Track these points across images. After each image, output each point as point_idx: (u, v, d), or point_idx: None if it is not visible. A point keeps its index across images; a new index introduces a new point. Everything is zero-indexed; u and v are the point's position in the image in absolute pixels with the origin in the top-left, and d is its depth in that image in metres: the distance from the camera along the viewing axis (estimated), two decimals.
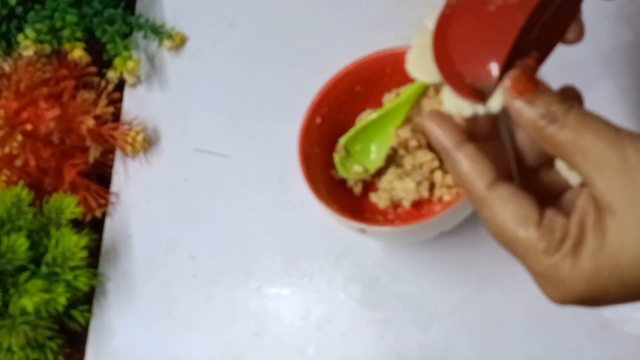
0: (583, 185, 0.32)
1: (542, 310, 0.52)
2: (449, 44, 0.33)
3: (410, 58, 0.36)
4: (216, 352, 0.59)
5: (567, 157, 0.30)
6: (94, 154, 0.66)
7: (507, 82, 0.30)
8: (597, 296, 0.29)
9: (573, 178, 0.33)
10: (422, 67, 0.34)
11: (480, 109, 0.32)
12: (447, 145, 0.32)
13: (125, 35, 0.73)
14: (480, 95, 0.32)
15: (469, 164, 0.31)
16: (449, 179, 0.53)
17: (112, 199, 0.69)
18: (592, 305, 0.30)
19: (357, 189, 0.56)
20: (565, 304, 0.31)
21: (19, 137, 0.61)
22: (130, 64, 0.70)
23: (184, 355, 0.60)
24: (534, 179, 0.35)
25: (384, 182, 0.55)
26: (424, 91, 0.51)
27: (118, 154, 0.70)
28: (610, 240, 0.28)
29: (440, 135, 0.32)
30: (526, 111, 0.30)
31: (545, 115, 0.29)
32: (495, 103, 0.31)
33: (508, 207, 0.30)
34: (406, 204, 0.54)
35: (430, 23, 0.35)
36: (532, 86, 0.30)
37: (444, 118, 0.33)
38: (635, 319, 0.51)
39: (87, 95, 0.67)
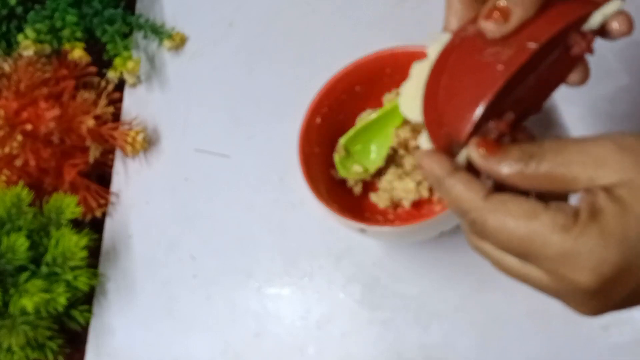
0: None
1: (542, 310, 0.52)
2: (440, 86, 0.33)
3: (405, 90, 0.36)
4: (216, 352, 0.59)
5: (561, 179, 0.30)
6: (94, 154, 0.66)
7: (471, 146, 0.31)
8: (633, 261, 0.28)
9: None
10: (412, 103, 0.34)
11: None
12: (440, 175, 0.32)
13: (125, 35, 0.73)
14: (450, 149, 0.32)
15: (463, 185, 0.31)
16: None
17: (112, 199, 0.69)
18: (632, 275, 0.29)
19: (357, 189, 0.56)
20: (605, 283, 0.29)
21: (19, 137, 0.61)
22: (130, 64, 0.70)
23: (184, 355, 0.60)
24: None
25: (384, 182, 0.55)
26: None
27: (118, 154, 0.70)
28: (629, 202, 0.28)
29: (433, 166, 0.32)
30: (502, 169, 0.30)
31: (521, 159, 0.30)
32: (461, 157, 0.32)
33: (512, 207, 0.30)
34: (406, 204, 0.54)
35: (432, 52, 0.34)
36: (496, 149, 0.31)
37: (435, 153, 0.33)
38: (635, 319, 0.51)
39: (87, 95, 0.67)
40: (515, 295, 0.53)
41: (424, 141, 0.33)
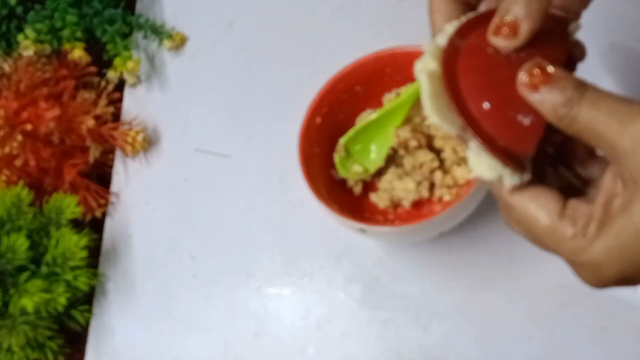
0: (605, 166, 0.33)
1: (542, 310, 0.52)
2: (468, 99, 0.32)
3: (427, 102, 0.34)
4: (216, 352, 0.59)
5: (590, 140, 0.30)
6: (94, 154, 0.66)
7: (522, 78, 0.31)
8: (632, 272, 0.30)
9: None
10: (442, 113, 0.33)
11: (507, 176, 0.32)
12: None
13: (125, 35, 0.73)
14: (517, 162, 0.32)
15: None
16: (449, 179, 0.53)
17: (112, 199, 0.69)
18: (634, 283, 0.31)
19: (357, 189, 0.56)
20: (605, 287, 0.31)
21: (19, 137, 0.61)
22: (130, 64, 0.70)
23: (184, 355, 0.60)
24: (559, 175, 0.35)
25: (384, 182, 0.55)
26: None
27: (118, 154, 0.70)
28: (635, 212, 0.29)
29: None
30: (546, 101, 0.30)
31: (563, 104, 0.30)
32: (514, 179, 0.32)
33: (531, 206, 0.32)
34: (406, 204, 0.54)
35: (430, 58, 0.34)
36: (547, 77, 0.30)
37: None
38: (635, 319, 0.51)
39: (87, 95, 0.67)
40: (515, 295, 0.53)
41: (475, 154, 0.32)
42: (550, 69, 0.30)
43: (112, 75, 0.71)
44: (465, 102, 0.32)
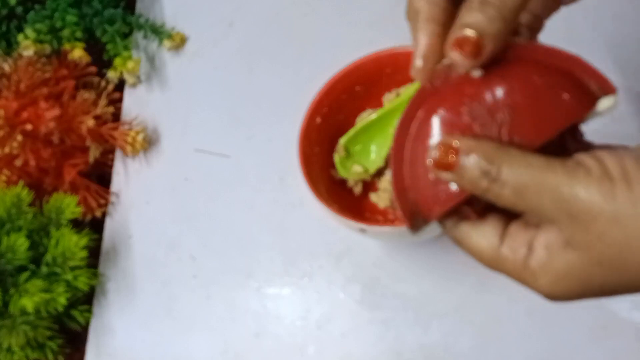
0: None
1: (542, 310, 0.52)
2: (408, 146, 0.31)
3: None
4: (216, 352, 0.59)
5: (524, 207, 0.29)
6: (94, 154, 0.66)
7: (433, 158, 0.30)
8: (588, 292, 0.29)
9: None
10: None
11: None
12: None
13: (125, 35, 0.73)
14: (413, 220, 0.32)
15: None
16: None
17: (112, 199, 0.69)
18: (600, 296, 0.30)
19: (357, 189, 0.56)
20: (561, 301, 0.31)
21: (19, 137, 0.61)
22: (130, 64, 0.70)
23: (184, 355, 0.60)
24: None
25: (384, 182, 0.55)
26: None
27: (118, 154, 0.70)
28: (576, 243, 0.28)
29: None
30: (461, 177, 0.30)
31: (484, 174, 0.29)
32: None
33: (471, 242, 0.32)
34: None
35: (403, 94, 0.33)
36: (455, 154, 0.30)
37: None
38: (635, 319, 0.51)
39: (87, 95, 0.67)
40: (515, 295, 0.53)
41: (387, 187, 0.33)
42: (456, 142, 0.29)
43: (112, 75, 0.71)
44: (404, 148, 0.31)
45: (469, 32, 0.29)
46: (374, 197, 0.55)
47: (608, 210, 0.27)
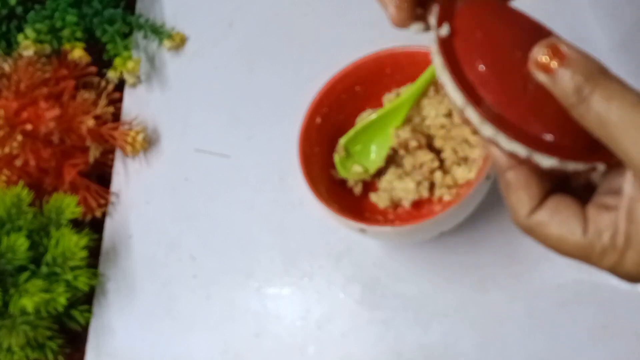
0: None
1: (542, 310, 0.52)
2: (470, 70, 0.31)
3: (442, 74, 0.33)
4: (216, 352, 0.59)
5: (601, 139, 0.28)
6: (94, 154, 0.66)
7: (535, 57, 0.29)
8: None
9: None
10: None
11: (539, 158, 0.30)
12: (501, 166, 0.32)
13: (125, 35, 0.73)
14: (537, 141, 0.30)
15: (514, 193, 0.31)
16: (449, 179, 0.53)
17: (112, 199, 0.69)
18: None
19: (357, 189, 0.56)
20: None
21: (19, 137, 0.61)
22: (130, 64, 0.70)
23: (184, 355, 0.60)
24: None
25: (384, 182, 0.55)
26: (424, 91, 0.51)
27: (118, 154, 0.70)
28: None
29: (497, 155, 0.32)
30: (556, 85, 0.28)
31: (573, 91, 0.28)
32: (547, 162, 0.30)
33: (551, 231, 0.31)
34: (406, 204, 0.54)
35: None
36: (560, 58, 0.28)
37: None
38: (635, 319, 0.51)
39: (87, 95, 0.67)
40: (515, 295, 0.53)
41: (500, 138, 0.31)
42: (564, 48, 0.28)
43: (112, 75, 0.71)
44: (467, 73, 0.31)
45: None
46: (374, 197, 0.55)
47: None
